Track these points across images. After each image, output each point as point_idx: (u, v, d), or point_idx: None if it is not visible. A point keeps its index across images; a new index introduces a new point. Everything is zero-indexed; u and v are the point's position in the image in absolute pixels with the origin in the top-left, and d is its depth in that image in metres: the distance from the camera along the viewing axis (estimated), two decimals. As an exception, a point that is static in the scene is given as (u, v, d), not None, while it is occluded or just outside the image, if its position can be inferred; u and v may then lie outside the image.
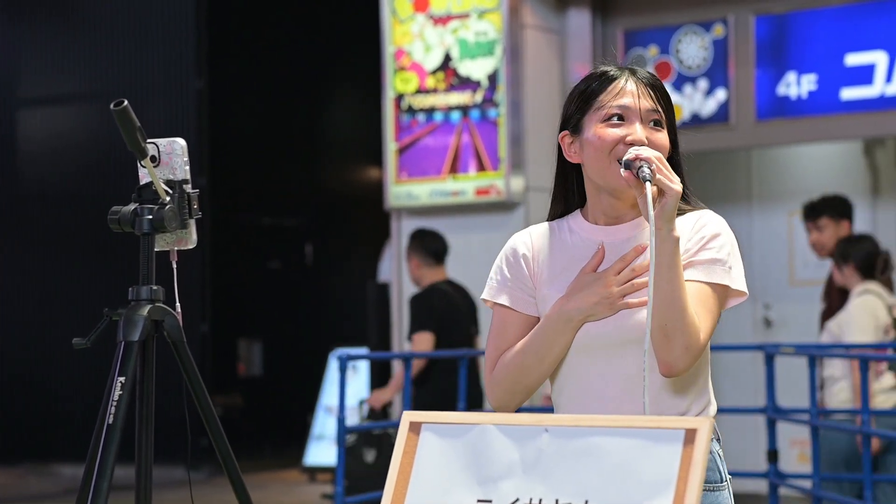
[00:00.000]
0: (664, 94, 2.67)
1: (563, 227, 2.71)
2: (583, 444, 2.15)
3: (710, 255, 2.57)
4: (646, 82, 2.65)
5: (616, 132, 2.60)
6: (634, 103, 2.61)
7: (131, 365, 2.94)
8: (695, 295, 2.53)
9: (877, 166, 9.24)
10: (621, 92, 2.63)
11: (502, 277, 2.70)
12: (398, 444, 2.28)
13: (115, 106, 2.87)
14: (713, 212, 2.67)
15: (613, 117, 2.62)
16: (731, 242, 2.62)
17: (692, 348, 2.49)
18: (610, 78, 2.66)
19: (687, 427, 2.10)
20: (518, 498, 2.17)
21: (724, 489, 2.65)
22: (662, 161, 2.50)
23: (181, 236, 3.09)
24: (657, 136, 2.61)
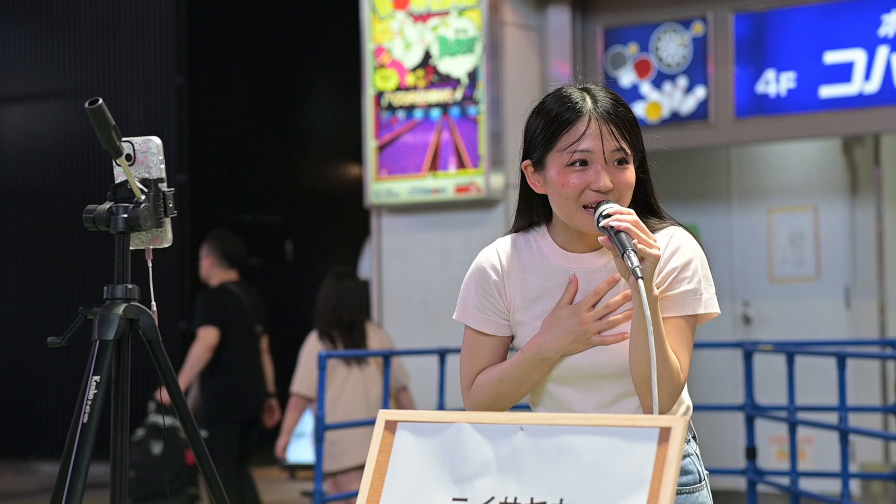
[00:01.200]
0: (629, 123, 2.62)
1: (532, 247, 2.70)
2: (558, 443, 2.16)
3: (683, 288, 2.59)
4: (609, 118, 2.59)
5: (580, 180, 2.57)
6: (598, 146, 2.58)
7: (106, 364, 2.93)
8: (673, 333, 2.57)
9: (855, 164, 9.27)
10: (585, 135, 2.58)
11: (473, 300, 2.70)
12: (373, 443, 2.28)
13: (90, 104, 2.85)
14: (680, 227, 2.67)
15: (576, 163, 2.59)
16: (702, 265, 2.63)
17: (675, 391, 2.55)
18: (574, 112, 2.60)
19: (661, 426, 2.11)
20: (493, 496, 2.17)
21: (702, 489, 2.67)
22: (639, 225, 2.49)
23: (156, 235, 3.08)
24: (622, 176, 2.59)
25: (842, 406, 6.55)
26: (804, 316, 9.30)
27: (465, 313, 2.71)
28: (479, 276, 2.70)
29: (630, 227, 2.47)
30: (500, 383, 2.65)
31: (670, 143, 8.71)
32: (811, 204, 9.38)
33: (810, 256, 9.35)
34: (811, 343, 8.03)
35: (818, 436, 8.86)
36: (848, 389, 6.77)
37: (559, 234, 2.66)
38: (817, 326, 9.15)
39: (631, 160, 2.61)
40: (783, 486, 7.29)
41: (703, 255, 2.64)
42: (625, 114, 2.62)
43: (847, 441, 6.57)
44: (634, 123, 2.64)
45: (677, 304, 2.59)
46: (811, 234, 9.34)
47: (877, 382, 9.02)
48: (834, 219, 9.29)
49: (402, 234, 8.82)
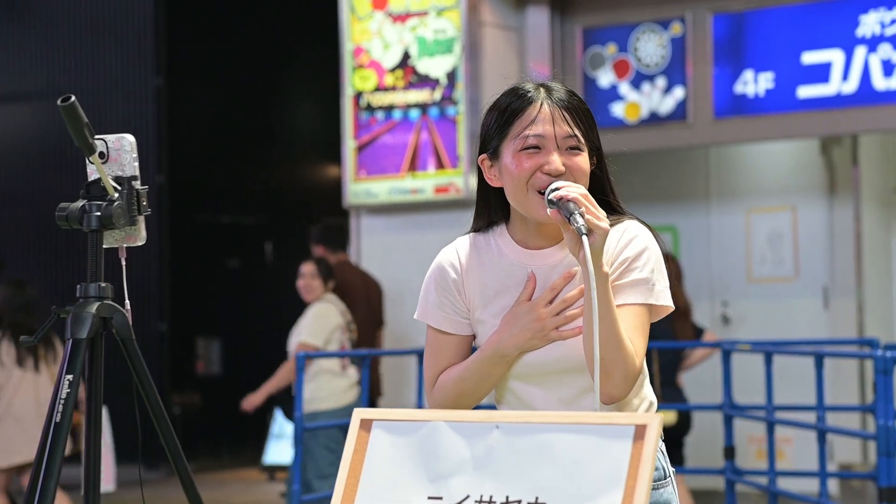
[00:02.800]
0: (583, 113, 2.62)
1: (491, 245, 2.70)
2: (533, 441, 2.15)
3: (635, 276, 2.58)
4: (562, 105, 2.60)
5: (532, 162, 2.57)
6: (550, 130, 2.58)
7: (79, 362, 2.91)
8: (626, 319, 2.54)
9: (833, 164, 9.29)
10: (537, 119, 2.59)
11: (433, 300, 2.70)
12: (349, 441, 2.28)
13: (63, 101, 2.84)
14: (636, 220, 2.67)
15: (529, 147, 2.59)
16: (655, 257, 2.62)
17: (630, 376, 2.51)
18: (526, 100, 2.61)
19: (636, 423, 2.10)
20: (469, 494, 2.17)
21: (667, 485, 2.66)
22: (588, 198, 2.48)
23: (130, 233, 3.06)
24: (575, 160, 2.59)
25: (820, 405, 6.56)
26: (783, 316, 9.31)
27: (425, 312, 2.71)
28: (438, 275, 2.71)
29: (578, 198, 2.47)
30: (460, 382, 2.65)
31: (649, 143, 8.72)
32: (789, 204, 9.40)
33: (789, 256, 9.37)
34: (789, 343, 8.04)
35: (797, 435, 8.88)
36: (826, 389, 6.78)
37: (517, 231, 2.66)
38: (796, 326, 9.17)
39: (585, 149, 2.61)
40: (762, 485, 7.30)
41: (657, 248, 2.63)
42: (579, 104, 2.63)
43: (825, 440, 6.58)
44: (589, 116, 2.64)
45: (629, 292, 2.57)
46: (789, 235, 9.36)
47: (855, 382, 9.05)
48: (812, 219, 9.32)
49: (381, 235, 8.81)
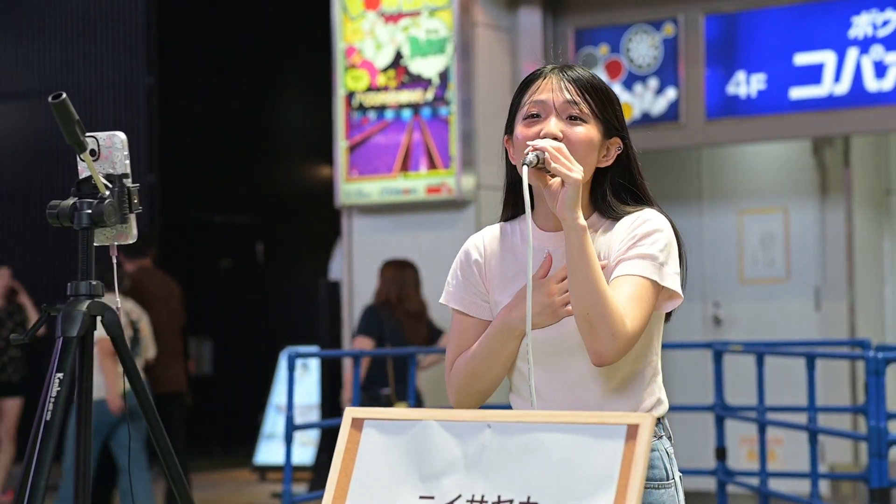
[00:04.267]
0: (595, 89, 2.63)
1: (516, 231, 2.70)
2: (525, 441, 2.15)
3: (641, 251, 2.55)
4: (570, 77, 2.61)
5: (532, 130, 2.59)
6: (549, 98, 2.60)
7: (69, 361, 2.90)
8: (622, 286, 2.52)
9: (825, 165, 9.30)
10: (540, 89, 2.61)
11: (456, 282, 2.71)
12: (340, 440, 2.27)
13: (53, 98, 2.83)
14: (659, 211, 2.65)
15: (531, 116, 2.61)
16: (668, 241, 2.58)
17: (618, 336, 2.47)
18: (537, 74, 2.65)
19: (629, 423, 2.10)
20: (460, 494, 2.16)
21: (669, 487, 2.64)
22: (562, 150, 2.49)
23: (121, 231, 3.05)
24: (575, 130, 2.58)
25: (811, 406, 6.57)
26: (774, 317, 9.32)
27: (448, 295, 2.72)
28: (463, 258, 2.71)
29: (546, 148, 2.48)
30: (472, 361, 2.64)
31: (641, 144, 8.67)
32: (781, 205, 9.41)
33: (780, 258, 9.38)
34: (781, 344, 8.05)
35: (788, 436, 8.88)
36: (817, 390, 6.79)
37: (539, 214, 2.66)
38: (787, 327, 9.18)
39: (591, 122, 2.60)
40: (753, 486, 7.31)
41: (671, 237, 2.60)
42: (590, 78, 2.64)
43: (816, 441, 6.59)
44: (604, 94, 2.64)
45: (633, 264, 2.54)
46: (781, 236, 9.37)
47: (846, 383, 9.05)
48: (804, 220, 9.32)
49: (372, 235, 8.80)
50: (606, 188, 2.65)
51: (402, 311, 7.71)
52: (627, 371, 2.60)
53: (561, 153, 2.49)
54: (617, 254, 2.57)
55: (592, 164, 2.61)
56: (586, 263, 2.47)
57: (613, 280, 2.54)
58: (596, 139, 2.61)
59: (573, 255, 2.47)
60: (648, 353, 2.63)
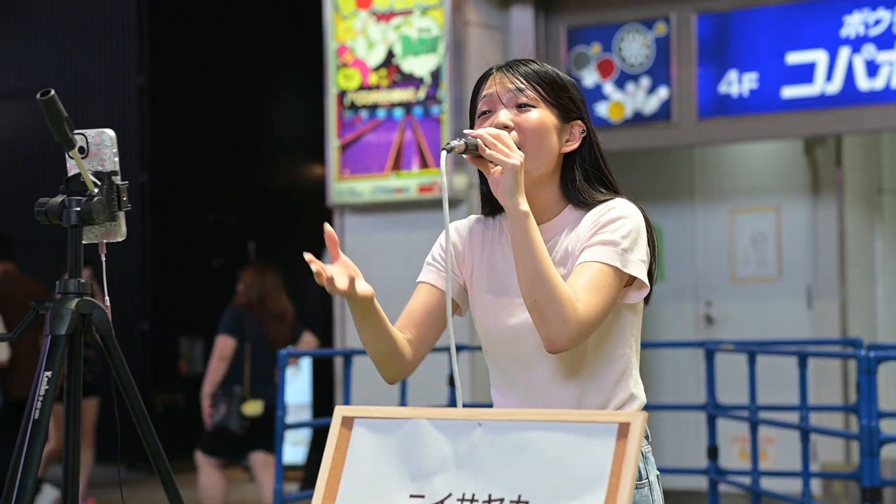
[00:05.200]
0: (536, 73, 2.63)
1: (497, 224, 2.72)
2: (516, 439, 2.14)
3: (602, 237, 2.53)
4: (515, 70, 2.63)
5: (485, 125, 2.60)
6: (495, 90, 2.61)
7: (58, 359, 2.88)
8: (581, 272, 2.51)
9: (817, 164, 9.30)
10: (487, 85, 2.64)
11: (432, 261, 2.73)
12: (330, 439, 2.26)
13: (42, 95, 2.81)
14: (630, 200, 2.63)
15: (483, 113, 2.63)
16: (634, 228, 2.55)
17: (569, 321, 2.44)
18: (485, 75, 2.67)
19: (620, 421, 2.09)
20: (451, 493, 2.16)
21: (643, 487, 2.63)
22: (500, 137, 2.48)
23: (110, 229, 3.03)
24: (525, 117, 2.59)
25: (803, 405, 6.57)
26: (766, 316, 9.32)
27: (422, 273, 2.75)
28: (443, 236, 2.71)
29: (483, 135, 2.48)
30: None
31: (633, 143, 8.72)
32: (773, 205, 9.41)
33: (772, 257, 9.38)
34: (773, 343, 8.05)
35: (780, 435, 8.89)
36: (809, 389, 6.79)
37: None
38: (779, 326, 9.18)
39: (542, 106, 2.60)
40: (745, 485, 7.31)
41: (639, 224, 2.56)
42: (537, 68, 2.64)
43: (808, 440, 6.59)
44: (550, 77, 2.63)
45: (594, 251, 2.52)
46: (773, 235, 9.37)
47: (838, 382, 9.06)
48: (796, 219, 9.32)
49: (364, 234, 8.79)
50: (576, 174, 2.64)
51: (265, 312, 7.95)
52: (594, 365, 2.58)
53: (500, 140, 2.48)
54: (582, 241, 2.56)
55: (553, 148, 2.61)
56: (531, 249, 2.45)
57: (576, 266, 2.53)
58: (550, 122, 2.60)
59: (517, 242, 2.47)
60: (619, 346, 2.60)
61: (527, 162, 2.53)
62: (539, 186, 2.61)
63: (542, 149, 2.58)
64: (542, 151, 2.58)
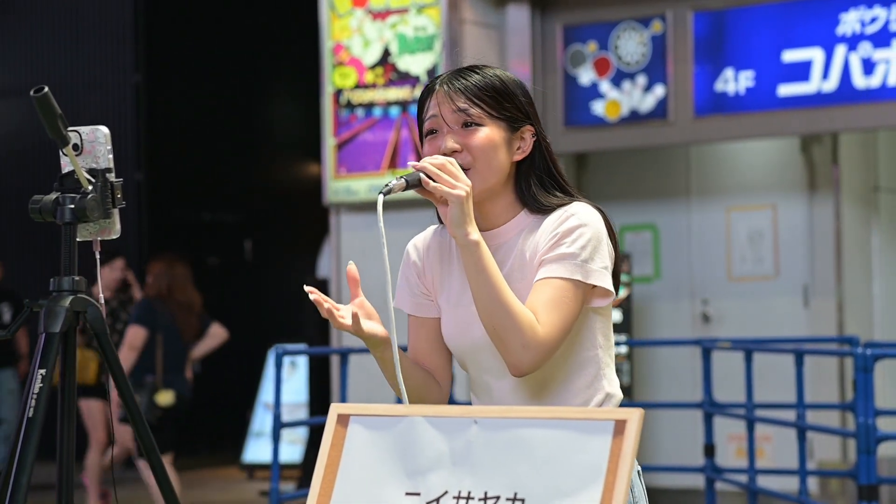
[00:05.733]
0: (477, 86, 2.58)
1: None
2: (512, 436, 2.13)
3: (560, 251, 2.50)
4: (457, 87, 2.57)
5: (432, 147, 2.57)
6: (438, 112, 2.57)
7: (52, 357, 2.87)
8: (541, 291, 2.49)
9: (813, 162, 9.30)
10: (430, 104, 2.59)
11: (401, 284, 2.72)
12: (326, 436, 2.25)
13: (35, 92, 2.80)
14: (584, 202, 2.60)
15: (429, 133, 2.59)
16: (593, 236, 2.52)
17: (530, 345, 2.43)
18: (428, 90, 2.62)
19: (616, 418, 2.09)
20: (447, 490, 2.15)
21: None
22: (445, 167, 2.45)
23: (104, 226, 3.02)
24: (472, 137, 2.55)
25: (800, 403, 6.57)
26: (763, 314, 9.32)
27: (397, 299, 2.72)
28: (404, 260, 2.72)
29: (426, 167, 2.45)
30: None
31: (629, 141, 8.71)
32: (770, 202, 9.40)
33: (769, 255, 9.37)
34: (769, 341, 8.05)
35: (776, 433, 8.88)
36: (806, 387, 6.79)
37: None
38: (776, 325, 9.17)
39: (487, 122, 2.55)
40: (741, 483, 7.30)
41: (597, 230, 2.53)
42: (479, 80, 2.59)
43: (805, 438, 6.58)
44: (492, 89, 2.58)
45: (552, 266, 2.50)
46: (770, 233, 9.36)
47: (835, 380, 9.05)
48: (792, 217, 9.32)
49: (360, 232, 8.78)
50: (530, 180, 2.61)
51: (174, 303, 8.20)
52: (565, 370, 2.58)
53: (445, 169, 2.45)
54: (540, 254, 2.54)
55: (504, 161, 2.58)
56: (485, 278, 2.44)
57: (535, 284, 2.51)
58: (498, 138, 2.57)
59: (471, 272, 2.45)
60: (589, 348, 2.59)
61: (479, 179, 2.53)
62: (493, 195, 2.59)
63: (493, 165, 2.56)
64: (493, 168, 2.56)
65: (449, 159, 2.47)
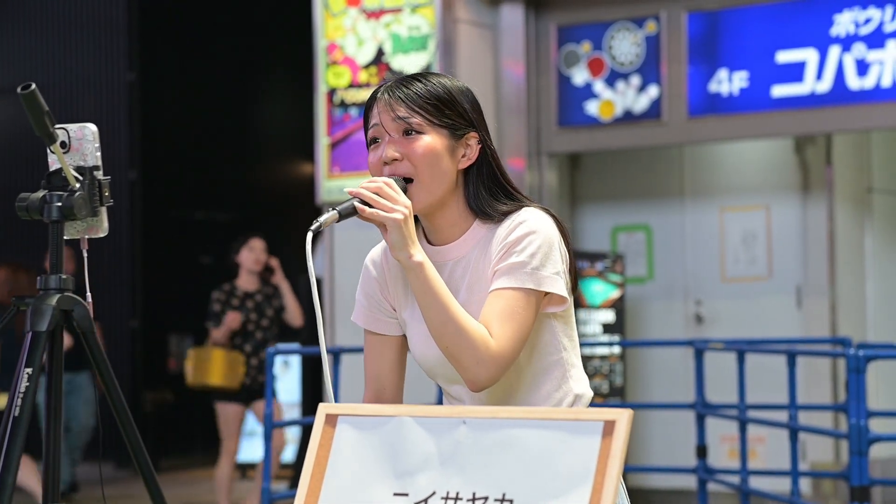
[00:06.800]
0: (418, 94, 2.55)
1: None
2: (500, 437, 2.13)
3: (511, 261, 2.48)
4: (399, 96, 2.55)
5: (374, 156, 2.56)
6: (379, 121, 2.55)
7: (38, 356, 2.86)
8: (493, 303, 2.47)
9: (807, 163, 9.30)
10: (374, 113, 2.57)
11: (359, 299, 2.69)
12: (314, 436, 2.25)
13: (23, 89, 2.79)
14: (535, 207, 2.57)
15: (372, 142, 2.57)
16: (543, 242, 2.50)
17: (484, 360, 2.42)
18: (372, 98, 2.60)
19: (605, 419, 2.08)
20: (435, 491, 2.14)
21: None
22: (382, 191, 2.44)
23: (92, 224, 3.01)
24: (412, 146, 2.53)
25: (792, 404, 6.56)
26: (756, 315, 9.31)
27: (355, 313, 2.70)
28: (363, 274, 2.70)
29: (361, 192, 2.44)
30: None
31: (623, 141, 8.70)
32: (763, 203, 9.40)
33: (762, 256, 9.37)
34: (762, 342, 8.04)
35: (769, 434, 8.88)
36: (799, 388, 6.79)
37: (423, 228, 2.64)
38: (769, 325, 9.17)
39: (429, 130, 2.53)
40: (734, 484, 7.30)
41: (547, 235, 2.51)
42: (420, 89, 2.56)
43: (797, 439, 6.58)
44: (434, 97, 2.55)
45: (502, 277, 2.48)
46: (763, 234, 9.36)
47: (827, 381, 9.05)
48: (786, 218, 9.32)
49: (354, 232, 8.76)
50: (479, 189, 2.59)
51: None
52: (531, 376, 2.57)
53: (381, 193, 2.44)
54: (492, 265, 2.52)
55: (448, 169, 2.55)
56: (433, 298, 2.42)
57: (488, 296, 2.49)
58: (440, 145, 2.54)
59: (418, 294, 2.44)
60: (552, 352, 2.58)
61: (424, 189, 2.52)
62: (443, 207, 2.57)
63: (436, 174, 2.53)
64: (436, 176, 2.54)
65: (387, 180, 2.46)
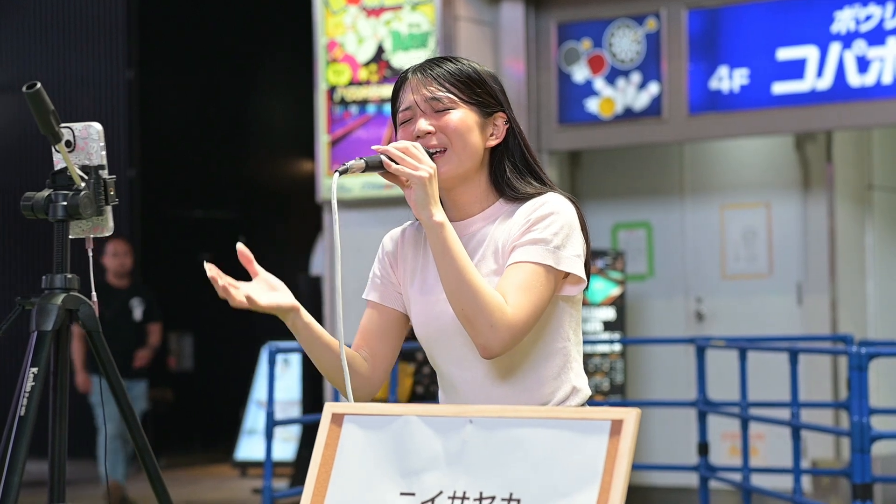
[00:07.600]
0: (449, 73, 2.62)
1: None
2: (507, 436, 2.12)
3: (532, 236, 2.52)
4: (430, 74, 2.61)
5: (407, 133, 2.61)
6: (412, 99, 2.61)
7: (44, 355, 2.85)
8: (512, 274, 2.50)
9: (807, 160, 9.29)
10: (403, 95, 2.63)
11: (374, 273, 2.75)
12: (320, 436, 2.24)
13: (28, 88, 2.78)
14: (561, 194, 2.62)
15: (405, 122, 2.63)
16: (566, 223, 2.54)
17: (498, 326, 2.44)
18: (401, 80, 2.66)
19: (613, 418, 2.07)
20: (441, 490, 2.13)
21: None
22: (408, 150, 2.48)
23: (97, 223, 3.01)
24: (444, 120, 2.59)
25: (794, 402, 6.56)
26: (757, 312, 9.31)
27: (367, 289, 2.77)
28: (380, 251, 2.77)
29: (389, 150, 2.49)
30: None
31: (623, 139, 8.70)
32: (764, 200, 9.39)
33: (763, 253, 9.36)
34: (763, 339, 8.04)
35: (770, 432, 8.88)
36: (800, 386, 6.78)
37: (445, 205, 2.66)
38: (770, 323, 9.17)
39: (460, 107, 2.60)
40: (735, 482, 7.30)
41: (570, 218, 2.55)
42: (451, 68, 2.63)
43: (799, 437, 6.58)
44: (464, 75, 2.62)
45: (523, 250, 2.51)
46: (764, 231, 9.36)
47: (828, 378, 9.05)
48: (786, 215, 9.31)
49: (354, 230, 8.77)
50: (505, 167, 2.64)
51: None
52: (531, 360, 2.58)
53: (408, 152, 2.48)
54: (512, 239, 2.55)
55: (478, 145, 2.61)
56: (452, 259, 2.45)
57: (506, 268, 2.52)
58: (471, 120, 2.60)
59: (437, 254, 2.47)
60: (556, 339, 2.60)
61: (455, 160, 2.57)
62: (467, 182, 2.62)
63: (466, 147, 2.59)
64: (467, 150, 2.59)
65: (414, 144, 2.52)
